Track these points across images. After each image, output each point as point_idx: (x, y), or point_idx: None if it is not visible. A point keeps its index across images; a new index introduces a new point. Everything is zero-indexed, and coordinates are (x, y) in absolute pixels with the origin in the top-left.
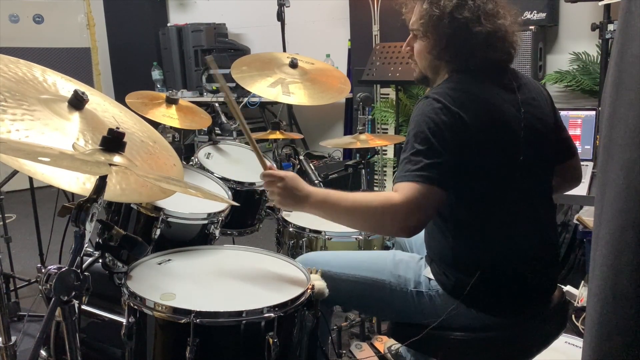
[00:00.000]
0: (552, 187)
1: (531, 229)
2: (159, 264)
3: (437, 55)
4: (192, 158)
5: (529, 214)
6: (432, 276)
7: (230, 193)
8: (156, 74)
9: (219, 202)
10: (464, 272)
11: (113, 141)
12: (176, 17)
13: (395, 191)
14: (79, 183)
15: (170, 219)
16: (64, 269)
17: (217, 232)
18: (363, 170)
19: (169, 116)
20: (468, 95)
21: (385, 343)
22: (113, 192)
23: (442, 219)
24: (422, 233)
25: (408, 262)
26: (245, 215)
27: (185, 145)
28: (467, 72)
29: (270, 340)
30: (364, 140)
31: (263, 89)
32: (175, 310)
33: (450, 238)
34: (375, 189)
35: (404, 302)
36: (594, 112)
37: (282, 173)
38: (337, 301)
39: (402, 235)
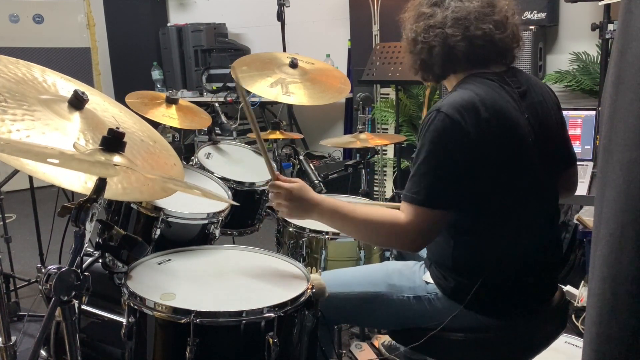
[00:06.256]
0: (558, 192)
1: (535, 233)
2: (159, 264)
3: (421, 63)
4: (192, 158)
5: (534, 219)
6: (431, 280)
7: (230, 193)
8: (156, 74)
9: (219, 202)
10: (465, 275)
11: (113, 141)
12: (176, 17)
13: (402, 211)
14: (81, 182)
15: (170, 219)
16: (64, 269)
17: (217, 232)
18: (363, 170)
19: (169, 116)
20: (478, 102)
21: (379, 339)
22: (115, 191)
23: None
24: None
25: (401, 271)
26: (245, 215)
27: (185, 145)
28: (467, 72)
29: (270, 340)
30: (364, 139)
31: (263, 89)
32: (175, 310)
33: (451, 242)
34: (375, 188)
35: (403, 309)
36: (594, 112)
37: (288, 185)
38: (338, 320)
39: (408, 252)
